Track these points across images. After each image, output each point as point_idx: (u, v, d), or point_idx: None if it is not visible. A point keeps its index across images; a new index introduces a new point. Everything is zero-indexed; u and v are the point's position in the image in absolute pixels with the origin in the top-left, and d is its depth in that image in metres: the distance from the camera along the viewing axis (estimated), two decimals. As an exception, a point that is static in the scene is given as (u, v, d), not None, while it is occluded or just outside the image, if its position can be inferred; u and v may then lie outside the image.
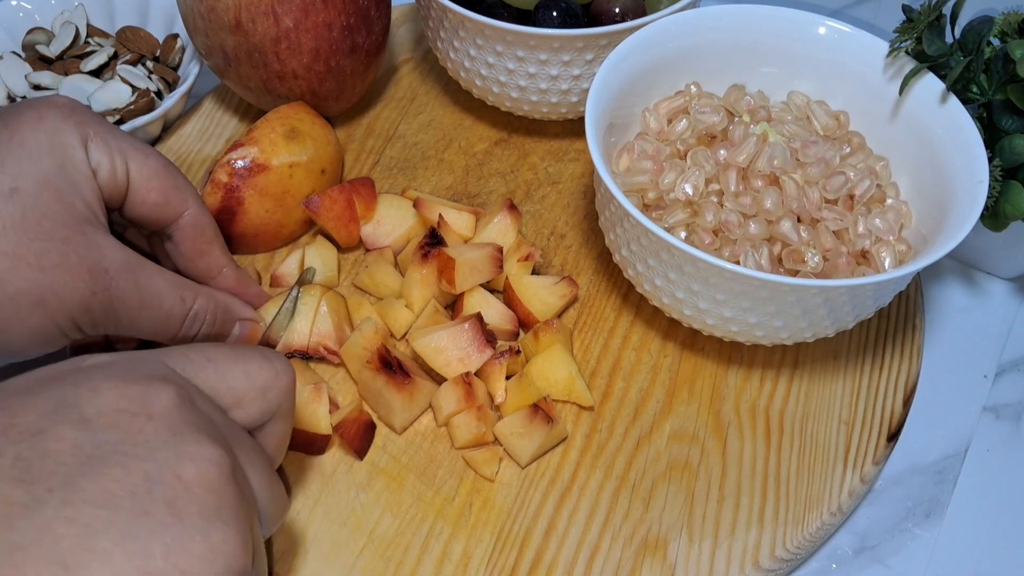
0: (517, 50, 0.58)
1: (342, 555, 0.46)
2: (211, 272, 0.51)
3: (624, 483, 0.49)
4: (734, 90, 0.57)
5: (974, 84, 0.55)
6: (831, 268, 0.50)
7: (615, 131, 0.55)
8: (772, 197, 0.50)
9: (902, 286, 0.50)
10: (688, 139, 0.55)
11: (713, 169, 0.53)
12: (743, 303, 0.47)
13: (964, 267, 0.64)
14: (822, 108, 0.57)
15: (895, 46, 0.54)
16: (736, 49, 0.57)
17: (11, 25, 0.69)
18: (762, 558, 0.47)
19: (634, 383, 0.53)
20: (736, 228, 0.50)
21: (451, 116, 0.69)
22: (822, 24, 0.56)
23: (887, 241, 0.51)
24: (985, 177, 0.48)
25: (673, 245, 0.45)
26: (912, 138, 0.54)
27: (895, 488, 0.53)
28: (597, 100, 0.51)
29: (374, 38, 0.62)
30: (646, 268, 0.50)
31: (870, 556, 0.51)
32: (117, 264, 0.43)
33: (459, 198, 0.63)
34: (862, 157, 0.55)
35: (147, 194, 0.46)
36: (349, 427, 0.49)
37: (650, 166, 0.53)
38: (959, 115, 0.51)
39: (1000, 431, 0.56)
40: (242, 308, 0.52)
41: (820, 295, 0.46)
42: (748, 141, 0.52)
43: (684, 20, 0.56)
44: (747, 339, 0.50)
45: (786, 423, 0.52)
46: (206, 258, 0.50)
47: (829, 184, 0.51)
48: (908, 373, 0.55)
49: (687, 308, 0.49)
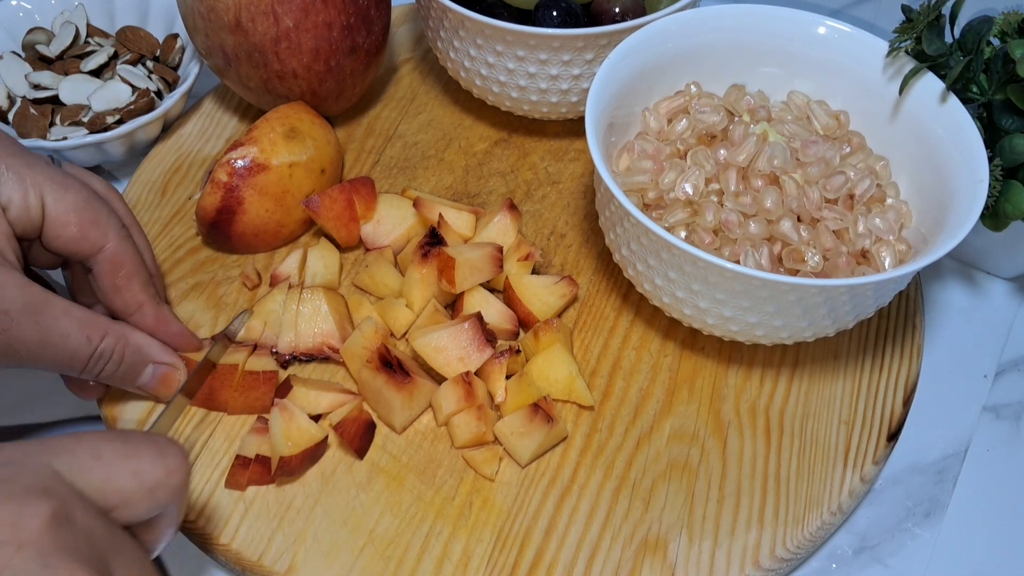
0: (517, 50, 0.58)
1: (342, 554, 0.46)
2: (128, 308, 0.49)
3: (624, 483, 0.49)
4: (734, 90, 0.57)
5: (974, 84, 0.55)
6: (831, 268, 0.50)
7: (615, 131, 0.55)
8: (772, 197, 0.50)
9: (902, 286, 0.50)
10: (688, 139, 0.55)
11: (713, 169, 0.53)
12: (743, 302, 0.47)
13: (964, 267, 0.64)
14: (822, 108, 0.57)
15: (895, 46, 0.54)
16: (736, 49, 0.57)
17: (11, 25, 0.69)
18: (762, 558, 0.47)
19: (634, 383, 0.53)
20: (736, 228, 0.50)
21: (451, 116, 0.69)
22: (822, 24, 0.56)
23: (887, 241, 0.51)
24: (985, 177, 0.48)
25: (673, 244, 0.45)
26: (912, 138, 0.54)
27: (895, 488, 0.53)
28: (597, 100, 0.51)
29: (374, 38, 0.62)
30: (646, 267, 0.50)
31: (870, 556, 0.51)
32: (18, 305, 0.43)
33: (459, 198, 0.63)
34: (862, 157, 0.55)
35: (63, 228, 0.46)
36: (349, 427, 0.49)
37: (650, 166, 0.53)
38: (959, 115, 0.51)
39: (1000, 431, 0.56)
40: (158, 351, 0.50)
41: (820, 294, 0.46)
42: (748, 141, 0.52)
43: (684, 20, 0.56)
44: (747, 339, 0.50)
45: (786, 423, 0.52)
46: (123, 294, 0.49)
47: (829, 184, 0.51)
48: (908, 373, 0.55)
49: (687, 307, 0.49)
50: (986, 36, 0.54)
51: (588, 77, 0.60)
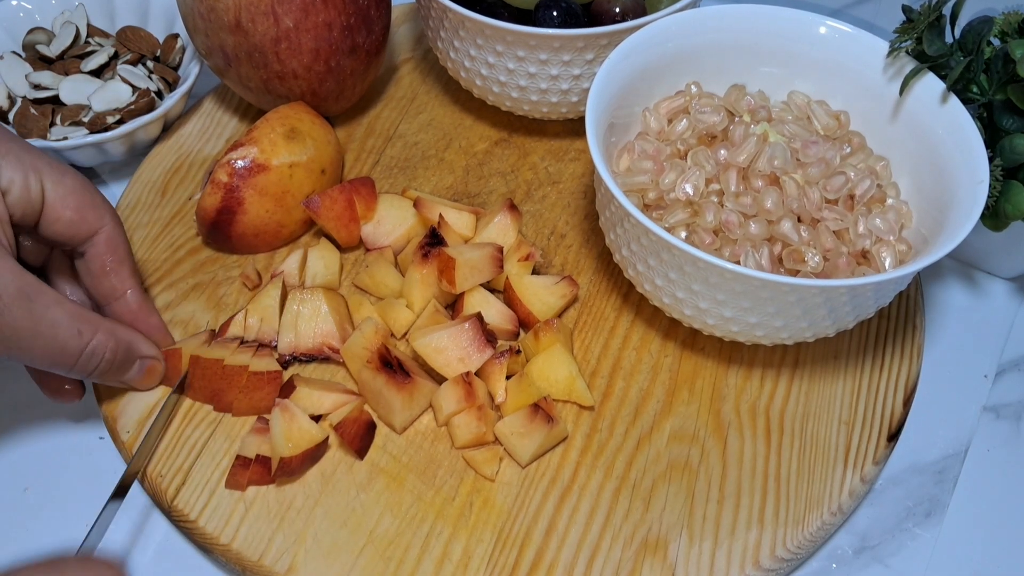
0: (517, 50, 0.58)
1: (342, 555, 0.46)
2: (115, 292, 0.50)
3: (624, 483, 0.49)
4: (734, 90, 0.57)
5: (974, 84, 0.55)
6: (831, 268, 0.50)
7: (615, 131, 0.55)
8: (773, 197, 0.50)
9: (903, 286, 0.50)
10: (688, 139, 0.55)
11: (713, 169, 0.53)
12: (743, 303, 0.47)
13: (964, 267, 0.64)
14: (822, 108, 0.57)
15: (895, 46, 0.54)
16: (736, 49, 0.57)
17: (11, 25, 0.69)
18: (763, 558, 0.47)
19: (634, 383, 0.53)
20: (736, 228, 0.50)
21: (451, 116, 0.69)
22: (822, 24, 0.56)
23: (887, 241, 0.51)
24: (986, 177, 0.48)
25: (673, 245, 0.45)
26: (912, 138, 0.54)
27: (895, 488, 0.53)
28: (598, 100, 0.51)
29: (374, 38, 0.62)
30: (646, 268, 0.50)
31: (870, 556, 0.51)
32: (11, 291, 0.42)
33: (459, 198, 0.63)
34: (862, 157, 0.55)
35: (62, 212, 0.46)
36: (349, 427, 0.49)
37: (650, 166, 0.53)
38: (959, 115, 0.51)
39: (1000, 431, 0.56)
40: (144, 345, 0.50)
41: (821, 295, 0.46)
42: (748, 141, 0.52)
43: (684, 20, 0.56)
44: (748, 339, 0.50)
45: (786, 423, 0.52)
46: (112, 277, 0.49)
47: (829, 184, 0.51)
48: (908, 373, 0.55)
49: (687, 308, 0.49)
50: (986, 36, 0.54)
51: (588, 77, 0.60)
